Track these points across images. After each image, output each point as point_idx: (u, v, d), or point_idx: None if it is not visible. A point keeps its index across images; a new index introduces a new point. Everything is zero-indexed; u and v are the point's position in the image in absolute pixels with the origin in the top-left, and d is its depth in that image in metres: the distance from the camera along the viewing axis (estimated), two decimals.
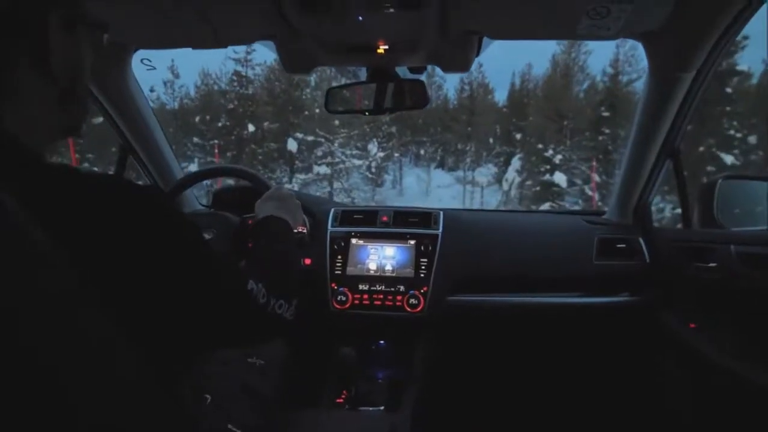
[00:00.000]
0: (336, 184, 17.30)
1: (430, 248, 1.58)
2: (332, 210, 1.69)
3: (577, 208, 16.33)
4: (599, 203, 16.07)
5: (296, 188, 16.32)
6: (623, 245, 1.59)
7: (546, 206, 15.86)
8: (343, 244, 1.62)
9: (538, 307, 1.60)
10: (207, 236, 1.27)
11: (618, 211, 1.68)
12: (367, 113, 1.46)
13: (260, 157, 16.22)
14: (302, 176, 16.97)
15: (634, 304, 1.57)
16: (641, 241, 1.59)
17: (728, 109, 12.87)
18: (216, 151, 17.01)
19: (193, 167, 16.75)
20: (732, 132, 12.93)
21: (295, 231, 1.02)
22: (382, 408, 1.39)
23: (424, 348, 1.58)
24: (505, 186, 19.67)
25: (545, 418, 1.77)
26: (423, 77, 1.46)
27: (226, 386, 1.11)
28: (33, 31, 0.54)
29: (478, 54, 1.38)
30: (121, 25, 1.19)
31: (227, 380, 1.13)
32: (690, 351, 1.39)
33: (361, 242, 1.62)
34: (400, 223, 1.65)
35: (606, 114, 16.48)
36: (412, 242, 1.60)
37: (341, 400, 1.42)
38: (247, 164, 15.64)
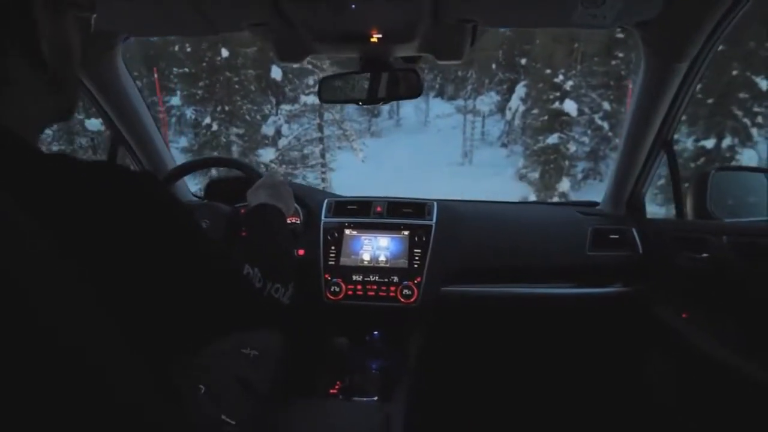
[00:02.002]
0: (327, 116, 16.91)
1: (423, 239, 1.65)
2: (325, 200, 1.76)
3: (585, 139, 16.23)
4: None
5: (282, 120, 16.04)
6: (616, 236, 1.67)
7: (554, 137, 15.63)
8: (336, 234, 1.69)
9: (532, 298, 1.70)
10: None
11: (611, 202, 1.76)
12: (361, 103, 1.49)
13: (237, 87, 15.57)
14: (288, 107, 16.53)
15: (627, 294, 1.68)
16: (634, 232, 1.67)
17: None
18: (155, 76, 15.44)
19: (175, 100, 16.29)
20: None
21: (288, 222, 1.07)
22: (375, 398, 1.47)
23: (417, 338, 1.68)
24: (509, 115, 19.35)
25: (538, 408, 1.89)
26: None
27: (219, 377, 1.14)
28: (19, 16, 0.54)
29: (473, 43, 1.41)
30: (111, 12, 1.21)
31: (221, 371, 1.16)
32: (682, 340, 1.49)
33: (354, 233, 1.70)
34: (394, 214, 1.72)
35: (620, 35, 15.89)
36: (406, 233, 1.68)
37: (335, 391, 1.50)
38: (222, 95, 15.10)
